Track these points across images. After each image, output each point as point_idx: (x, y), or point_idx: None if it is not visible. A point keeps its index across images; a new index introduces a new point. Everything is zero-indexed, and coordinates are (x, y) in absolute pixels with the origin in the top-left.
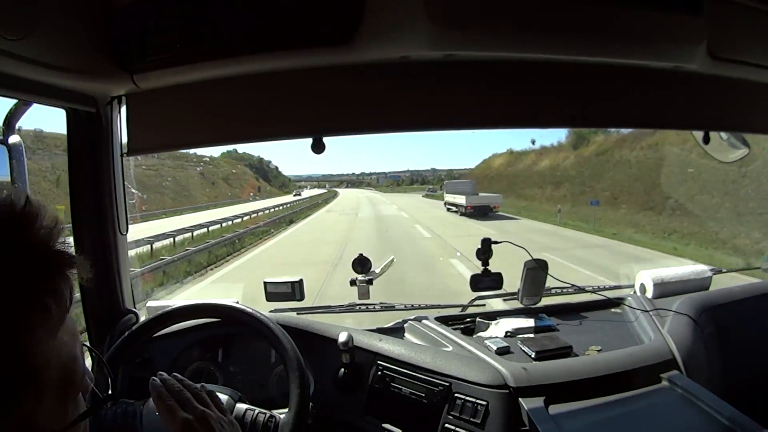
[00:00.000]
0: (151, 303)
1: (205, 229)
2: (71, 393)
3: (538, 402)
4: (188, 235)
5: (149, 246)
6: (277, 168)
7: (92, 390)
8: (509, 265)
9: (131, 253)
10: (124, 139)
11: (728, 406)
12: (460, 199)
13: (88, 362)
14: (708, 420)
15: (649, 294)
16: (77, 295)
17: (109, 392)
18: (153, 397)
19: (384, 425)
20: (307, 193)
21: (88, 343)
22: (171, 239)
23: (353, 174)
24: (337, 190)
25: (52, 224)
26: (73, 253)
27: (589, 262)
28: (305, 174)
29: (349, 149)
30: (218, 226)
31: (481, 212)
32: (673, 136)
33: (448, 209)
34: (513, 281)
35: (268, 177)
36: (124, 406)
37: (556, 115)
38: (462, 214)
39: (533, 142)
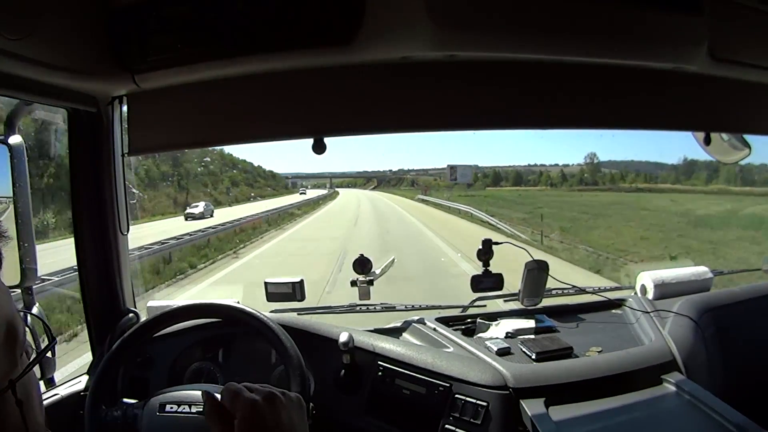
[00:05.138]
0: (151, 303)
1: None
2: (18, 346)
3: (538, 403)
4: None
5: None
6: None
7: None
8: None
9: None
10: (125, 139)
11: (729, 408)
12: None
13: None
14: (708, 421)
15: (650, 295)
16: (78, 295)
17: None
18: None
19: (384, 426)
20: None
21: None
22: None
23: (389, 171)
24: (339, 190)
25: None
26: None
27: None
28: (310, 171)
29: (381, 146)
30: None
31: None
32: None
33: None
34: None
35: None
36: (124, 407)
37: (557, 116)
38: None
39: None
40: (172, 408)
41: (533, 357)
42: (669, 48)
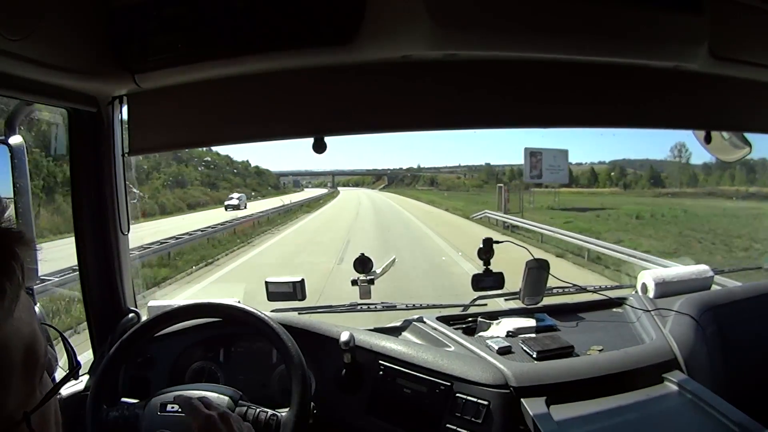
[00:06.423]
0: (152, 303)
1: None
2: (37, 371)
3: (539, 402)
4: None
5: None
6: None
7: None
8: None
9: None
10: (126, 139)
11: (729, 406)
12: None
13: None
14: (710, 420)
15: (651, 294)
16: (79, 294)
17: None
18: (180, 402)
19: (385, 425)
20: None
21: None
22: None
23: (399, 168)
24: (341, 190)
25: None
26: (19, 229)
27: None
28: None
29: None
30: None
31: None
32: None
33: None
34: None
35: None
36: (124, 407)
37: (557, 115)
38: None
39: None
40: (173, 408)
41: (534, 356)
42: (670, 47)
